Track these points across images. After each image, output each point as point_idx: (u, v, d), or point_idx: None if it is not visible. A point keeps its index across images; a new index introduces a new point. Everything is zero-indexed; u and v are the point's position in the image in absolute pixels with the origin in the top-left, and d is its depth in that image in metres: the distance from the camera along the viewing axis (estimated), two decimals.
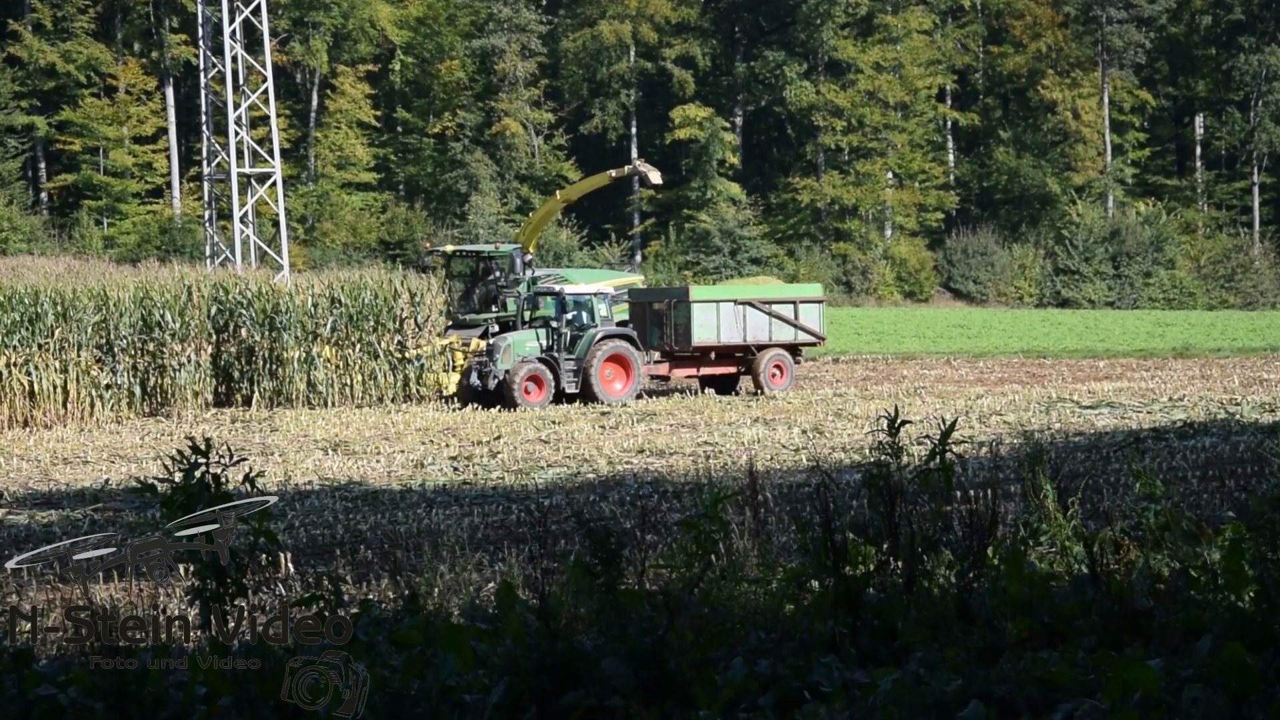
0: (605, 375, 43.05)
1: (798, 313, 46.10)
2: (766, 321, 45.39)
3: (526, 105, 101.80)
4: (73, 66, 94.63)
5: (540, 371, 42.45)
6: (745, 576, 11.59)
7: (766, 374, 44.88)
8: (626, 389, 43.16)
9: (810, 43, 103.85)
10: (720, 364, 45.58)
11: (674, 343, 44.86)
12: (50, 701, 8.93)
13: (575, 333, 43.24)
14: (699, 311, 44.65)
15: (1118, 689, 8.48)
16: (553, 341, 43.28)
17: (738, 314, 45.05)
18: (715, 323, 44.76)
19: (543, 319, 44.42)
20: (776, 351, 45.27)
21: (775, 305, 45.93)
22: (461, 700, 9.21)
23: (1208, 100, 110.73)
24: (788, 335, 45.75)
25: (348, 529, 21.94)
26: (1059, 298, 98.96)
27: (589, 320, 43.56)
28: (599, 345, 42.98)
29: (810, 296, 47.69)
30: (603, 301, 44.32)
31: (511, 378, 42.07)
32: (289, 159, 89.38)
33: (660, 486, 25.15)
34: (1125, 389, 41.83)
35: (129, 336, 44.21)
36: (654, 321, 45.26)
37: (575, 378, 42.79)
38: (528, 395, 42.11)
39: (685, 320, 44.62)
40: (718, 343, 44.95)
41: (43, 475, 30.96)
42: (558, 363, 42.76)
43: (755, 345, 45.13)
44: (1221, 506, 18.20)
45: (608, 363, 43.10)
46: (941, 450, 11.16)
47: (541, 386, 42.36)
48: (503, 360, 42.74)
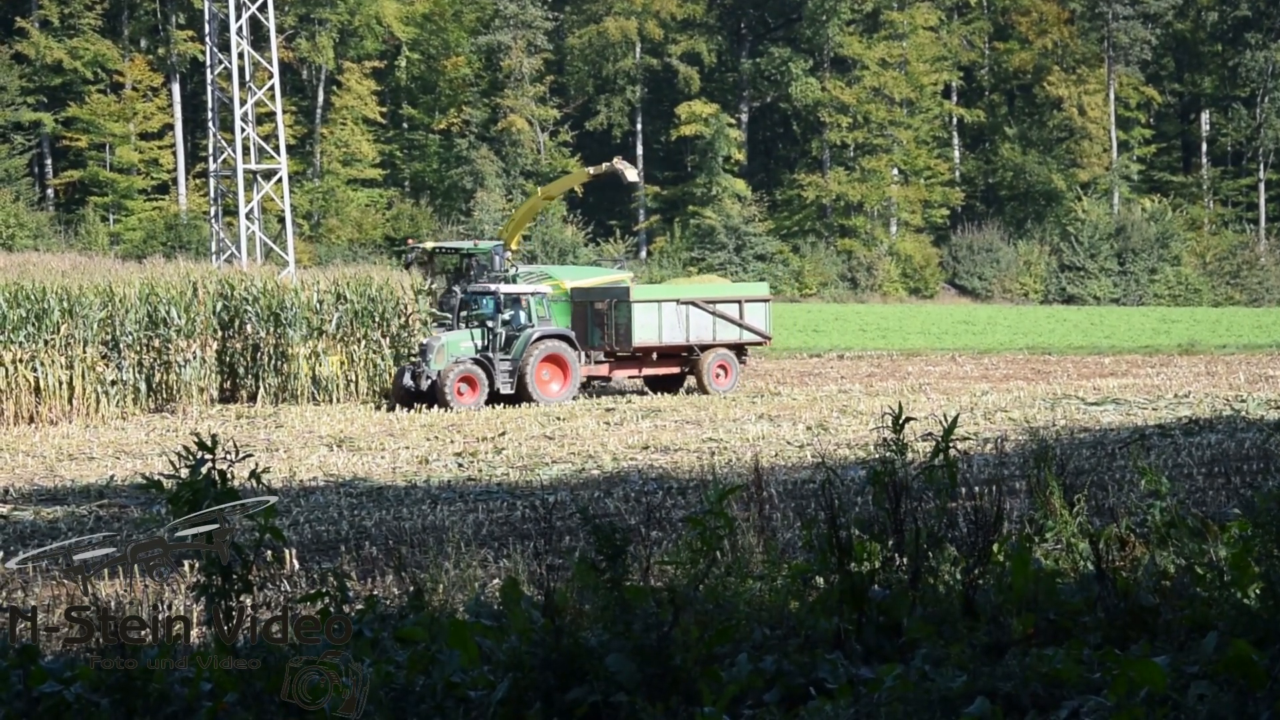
0: (542, 376, 42.34)
1: (743, 312, 45.37)
2: (710, 321, 44.75)
3: (532, 101, 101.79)
4: (79, 63, 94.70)
5: (474, 372, 41.82)
6: (750, 573, 11.58)
7: (710, 374, 44.30)
8: (564, 390, 42.49)
9: (816, 39, 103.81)
10: (663, 364, 45.00)
11: (614, 343, 44.34)
12: (55, 697, 8.93)
13: (512, 333, 42.55)
14: (640, 311, 44.09)
15: (1123, 686, 8.47)
16: (488, 342, 42.56)
17: (680, 314, 44.45)
18: (657, 323, 44.17)
19: (480, 319, 43.62)
20: (721, 352, 44.67)
21: (719, 305, 45.19)
22: (466, 697, 9.21)
23: (1214, 96, 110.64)
24: (732, 335, 45.13)
25: (353, 525, 21.95)
26: (1064, 294, 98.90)
27: (526, 320, 42.85)
28: (535, 345, 42.26)
29: (756, 296, 47.00)
30: (541, 301, 43.57)
31: (444, 378, 41.46)
32: (295, 155, 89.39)
33: (665, 483, 25.15)
34: (1130, 385, 41.82)
35: (134, 333, 44.21)
36: (595, 321, 44.68)
37: (510, 378, 42.10)
38: (460, 396, 41.45)
39: (626, 320, 44.07)
40: (659, 343, 44.42)
41: (48, 471, 30.97)
42: (492, 363, 42.07)
43: (699, 345, 44.55)
44: (1227, 503, 18.19)
45: (544, 363, 42.40)
46: (945, 447, 11.15)
47: (475, 388, 41.71)
48: (436, 361, 42.05)
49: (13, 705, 8.94)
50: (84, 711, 8.91)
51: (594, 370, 44.60)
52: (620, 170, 51.03)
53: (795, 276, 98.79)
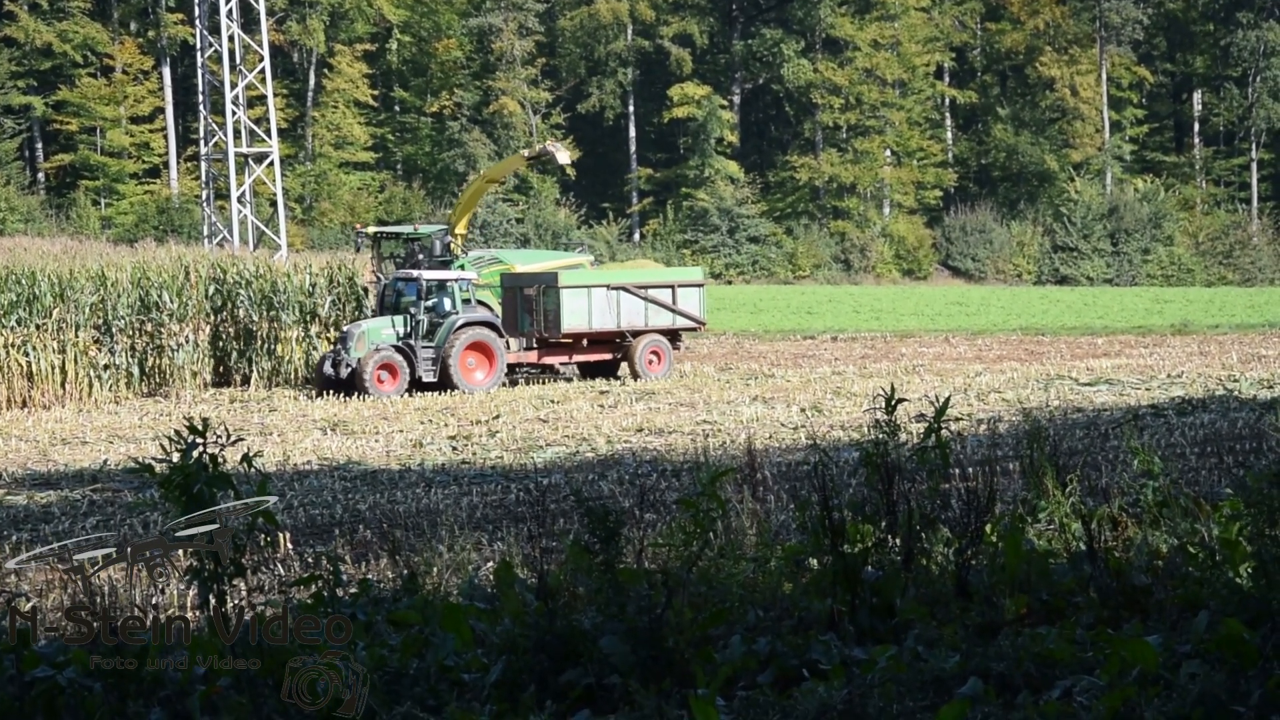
0: (466, 363, 41.61)
1: (676, 297, 44.56)
2: (642, 307, 43.95)
3: (524, 84, 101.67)
4: (69, 46, 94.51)
5: (394, 360, 41.14)
6: (744, 555, 11.60)
7: (643, 360, 43.58)
8: (489, 378, 41.76)
9: (808, 20, 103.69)
10: (594, 350, 44.27)
11: (543, 329, 43.52)
12: (49, 682, 8.94)
13: (435, 320, 41.87)
14: (569, 297, 43.18)
15: (1116, 665, 8.49)
16: (411, 329, 41.94)
17: (611, 299, 43.61)
18: (586, 308, 43.35)
19: (404, 305, 42.79)
20: (653, 337, 43.88)
21: (651, 290, 44.39)
22: (460, 679, 9.23)
23: (1206, 76, 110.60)
24: (665, 321, 44.30)
25: (346, 509, 21.95)
26: (1057, 275, 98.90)
27: (450, 307, 42.14)
28: (459, 333, 41.61)
29: (689, 280, 46.11)
30: (466, 287, 42.88)
31: (363, 366, 40.79)
32: (286, 139, 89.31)
33: (659, 465, 25.16)
34: (1124, 366, 41.84)
35: (127, 317, 44.20)
36: (525, 307, 43.84)
37: (433, 366, 41.50)
38: (380, 384, 40.71)
39: (555, 306, 43.14)
40: (589, 329, 43.58)
41: (41, 456, 30.96)
42: (414, 350, 41.44)
43: (630, 331, 43.75)
44: (1220, 483, 18.20)
45: (469, 350, 41.67)
46: (938, 428, 11.17)
47: (395, 375, 41.03)
48: (356, 348, 41.30)
49: (6, 690, 8.95)
50: (77, 696, 8.91)
51: (523, 357, 43.88)
52: (552, 152, 50.03)
53: (789, 258, 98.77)
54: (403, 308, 42.65)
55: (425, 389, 41.42)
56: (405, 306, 42.57)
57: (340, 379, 41.26)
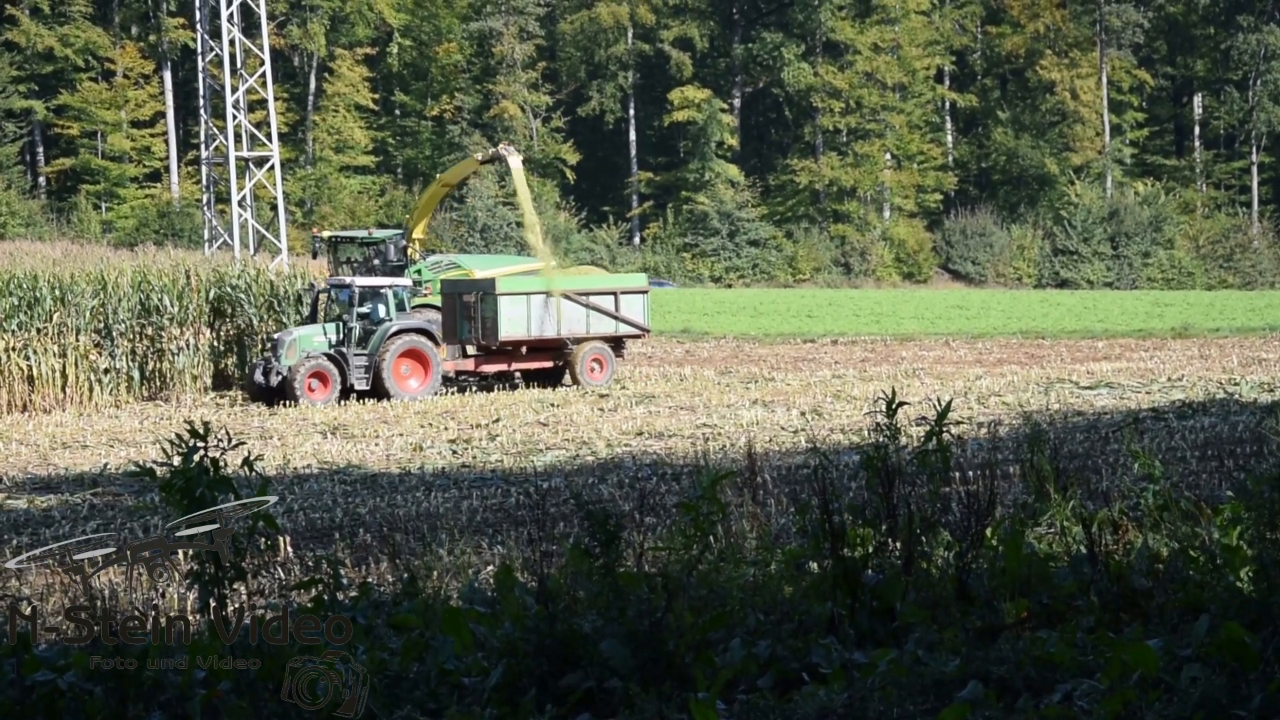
0: (400, 371, 40.94)
1: (619, 304, 43.73)
2: (584, 314, 43.07)
3: (524, 88, 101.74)
4: (70, 50, 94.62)
5: (325, 368, 40.46)
6: (744, 558, 11.60)
7: (584, 368, 42.66)
8: (424, 386, 41.01)
9: (808, 24, 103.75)
10: (534, 358, 43.36)
11: (481, 337, 42.67)
12: (49, 685, 8.94)
13: (369, 327, 41.22)
14: (506, 304, 42.23)
15: (1117, 669, 8.49)
16: (343, 336, 41.28)
17: (551, 306, 42.84)
18: (525, 316, 42.46)
19: (337, 312, 42.25)
20: (595, 345, 43.00)
21: (593, 297, 43.52)
22: (460, 683, 9.22)
23: (1206, 80, 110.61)
24: (608, 328, 43.42)
25: (346, 512, 21.93)
26: (1057, 278, 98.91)
27: (385, 314, 41.40)
28: (392, 340, 40.94)
29: (633, 287, 45.05)
30: (402, 294, 42.23)
31: (294, 374, 40.13)
32: (287, 142, 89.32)
33: (659, 469, 25.14)
34: (1124, 369, 41.81)
35: (127, 321, 44.19)
36: (464, 314, 42.94)
37: (366, 374, 40.80)
38: (311, 392, 40.08)
39: (492, 314, 42.17)
40: (528, 336, 42.69)
41: (41, 460, 30.96)
42: (346, 358, 40.78)
43: (572, 339, 42.87)
44: (1220, 486, 18.18)
45: (403, 358, 41.01)
46: (939, 431, 11.16)
47: (327, 383, 40.38)
48: (287, 356, 40.68)
49: (7, 694, 8.95)
50: (77, 699, 8.91)
51: (461, 365, 43.26)
52: (505, 155, 49.31)
53: (789, 262, 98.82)
54: (336, 315, 42.10)
55: (358, 397, 40.78)
56: (338, 313, 42.00)
57: (271, 387, 40.63)
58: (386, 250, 47.21)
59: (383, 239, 47.93)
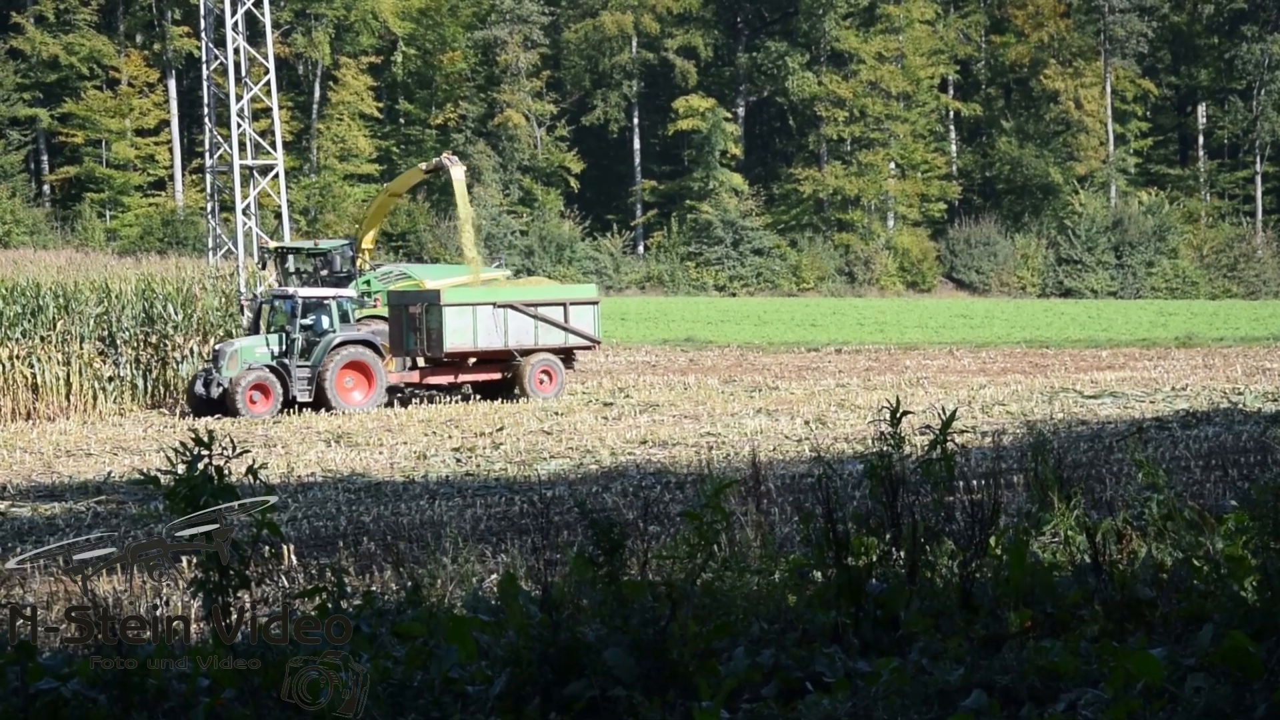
0: (344, 383, 40.66)
1: (568, 315, 43.35)
2: (532, 325, 42.76)
3: (529, 96, 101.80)
4: (75, 59, 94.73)
5: (267, 380, 40.19)
6: (748, 567, 11.59)
7: (533, 380, 42.37)
8: (368, 398, 40.86)
9: (812, 33, 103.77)
10: (481, 370, 43.02)
11: (426, 348, 42.26)
12: (53, 694, 8.94)
13: (312, 338, 40.94)
14: (452, 315, 41.77)
15: (1121, 678, 8.48)
16: (286, 347, 40.98)
17: (498, 317, 42.25)
18: (471, 327, 41.95)
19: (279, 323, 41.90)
20: (544, 356, 42.77)
21: (542, 308, 43.19)
22: (464, 692, 9.22)
23: (1210, 89, 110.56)
24: (556, 339, 43.12)
25: (350, 521, 21.96)
26: (1061, 287, 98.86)
27: (328, 325, 41.17)
28: (335, 352, 40.66)
29: (582, 298, 44.81)
30: (346, 305, 41.99)
31: (235, 386, 39.86)
32: (291, 151, 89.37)
33: (663, 477, 25.16)
34: (1128, 379, 41.83)
35: (131, 329, 44.23)
36: (410, 326, 42.49)
37: (309, 385, 40.54)
38: (252, 405, 39.83)
39: (437, 325, 41.75)
40: (474, 348, 42.30)
41: (45, 468, 31.00)
42: (289, 370, 40.54)
43: (519, 350, 42.58)
44: (1224, 496, 18.18)
45: (347, 370, 40.78)
46: (943, 440, 11.16)
47: (268, 396, 40.14)
48: (228, 367, 40.35)
49: (10, 702, 8.94)
50: (81, 707, 8.91)
51: (406, 377, 42.87)
52: (448, 165, 48.82)
53: (793, 271, 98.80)
54: (279, 326, 41.72)
55: (300, 409, 40.47)
56: (281, 324, 41.63)
57: (211, 399, 40.24)
58: (332, 260, 46.87)
59: (328, 249, 47.58)
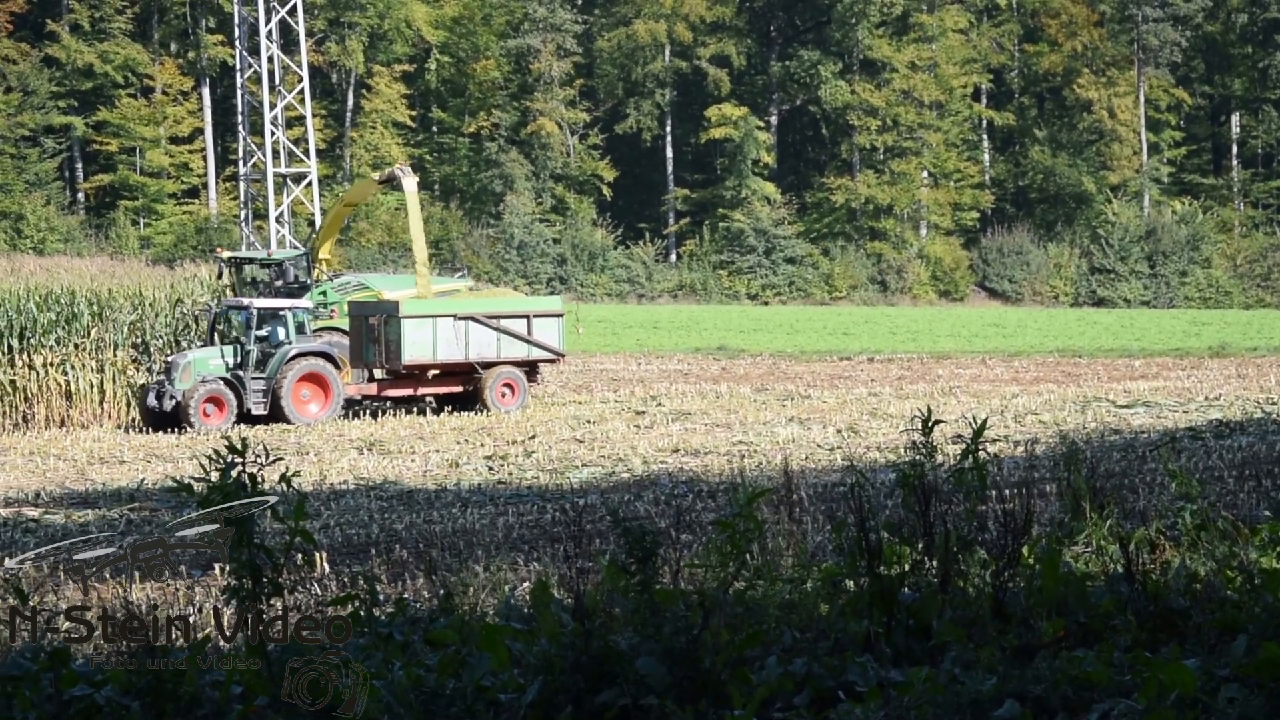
0: (300, 395, 40.00)
1: (531, 328, 42.56)
2: (494, 337, 41.94)
3: (561, 105, 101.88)
4: (110, 67, 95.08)
5: (221, 392, 39.63)
6: (780, 576, 11.59)
7: (495, 393, 41.60)
8: (324, 410, 40.28)
9: (845, 42, 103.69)
10: (442, 383, 42.45)
11: (384, 360, 41.59)
12: (86, 700, 8.97)
13: (267, 350, 40.35)
14: (410, 327, 41.08)
15: (1154, 689, 8.46)
16: (241, 359, 40.40)
17: (458, 330, 41.59)
18: (431, 339, 41.30)
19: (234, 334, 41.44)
20: (506, 369, 41.93)
21: (505, 320, 42.36)
22: (496, 699, 9.23)
23: (1244, 99, 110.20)
24: (520, 352, 42.29)
25: (383, 528, 21.99)
26: (1094, 297, 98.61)
27: (284, 337, 40.57)
28: (291, 364, 40.10)
29: (547, 310, 43.91)
30: (302, 316, 41.49)
31: (188, 399, 39.24)
32: (324, 159, 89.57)
33: (695, 486, 25.16)
34: (1161, 388, 41.70)
35: (165, 336, 44.35)
36: (369, 337, 41.84)
37: (264, 398, 39.96)
38: (206, 417, 39.17)
39: (396, 337, 41.00)
40: (434, 360, 41.74)
41: (79, 475, 31.09)
42: (243, 382, 39.94)
43: (481, 363, 41.76)
44: (1258, 506, 18.12)
45: (303, 382, 40.22)
46: (975, 449, 11.14)
47: (223, 408, 39.57)
48: (181, 380, 39.69)
49: (44, 708, 8.98)
50: (115, 714, 8.94)
51: (364, 389, 42.30)
52: (400, 176, 48.16)
53: (825, 279, 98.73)
54: (233, 337, 41.32)
55: (254, 422, 39.97)
56: (236, 336, 41.21)
57: (164, 412, 39.71)
58: (286, 271, 46.70)
59: (282, 259, 47.30)
